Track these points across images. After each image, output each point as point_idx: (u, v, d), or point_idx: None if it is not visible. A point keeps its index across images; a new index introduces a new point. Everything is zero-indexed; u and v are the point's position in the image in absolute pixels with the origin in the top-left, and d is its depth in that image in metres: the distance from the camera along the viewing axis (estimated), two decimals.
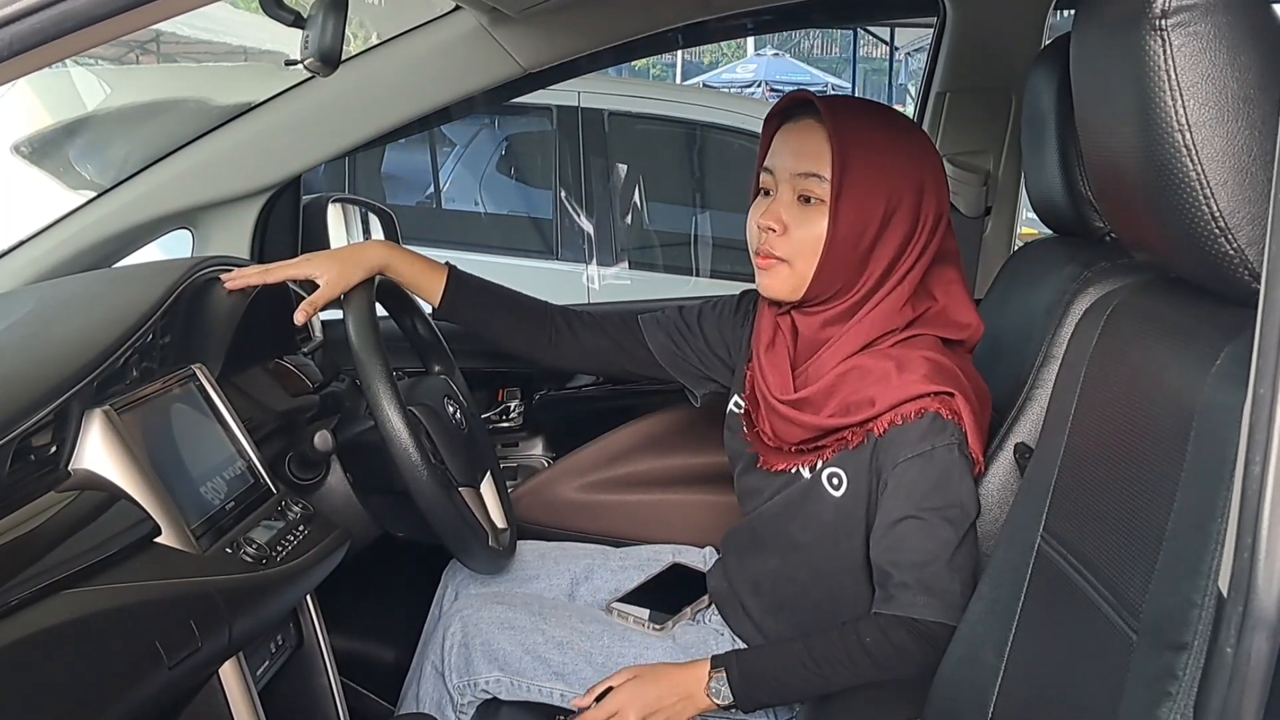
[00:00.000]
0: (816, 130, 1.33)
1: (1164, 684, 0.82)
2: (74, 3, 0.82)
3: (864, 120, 1.34)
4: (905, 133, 1.37)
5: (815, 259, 1.33)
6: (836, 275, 1.34)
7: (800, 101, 1.38)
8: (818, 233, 1.32)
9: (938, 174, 1.36)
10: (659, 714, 1.36)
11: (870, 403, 1.31)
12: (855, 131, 1.32)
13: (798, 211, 1.34)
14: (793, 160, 1.34)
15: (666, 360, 1.60)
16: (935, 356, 1.34)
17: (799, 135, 1.35)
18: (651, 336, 1.59)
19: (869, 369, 1.34)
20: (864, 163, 1.31)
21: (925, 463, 1.29)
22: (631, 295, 3.80)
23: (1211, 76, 0.87)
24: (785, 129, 1.38)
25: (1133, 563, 0.92)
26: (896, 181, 1.32)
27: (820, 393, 1.35)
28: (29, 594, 0.98)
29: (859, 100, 1.40)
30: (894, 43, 11.81)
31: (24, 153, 3.82)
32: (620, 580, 1.66)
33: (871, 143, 1.32)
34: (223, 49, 7.51)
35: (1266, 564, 0.68)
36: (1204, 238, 0.88)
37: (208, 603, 1.13)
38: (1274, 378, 0.68)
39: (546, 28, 1.80)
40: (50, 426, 1.13)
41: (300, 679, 1.41)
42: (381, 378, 1.44)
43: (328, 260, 1.50)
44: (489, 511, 1.69)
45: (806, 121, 1.35)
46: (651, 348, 1.59)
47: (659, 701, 1.36)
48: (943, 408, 1.30)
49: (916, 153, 1.35)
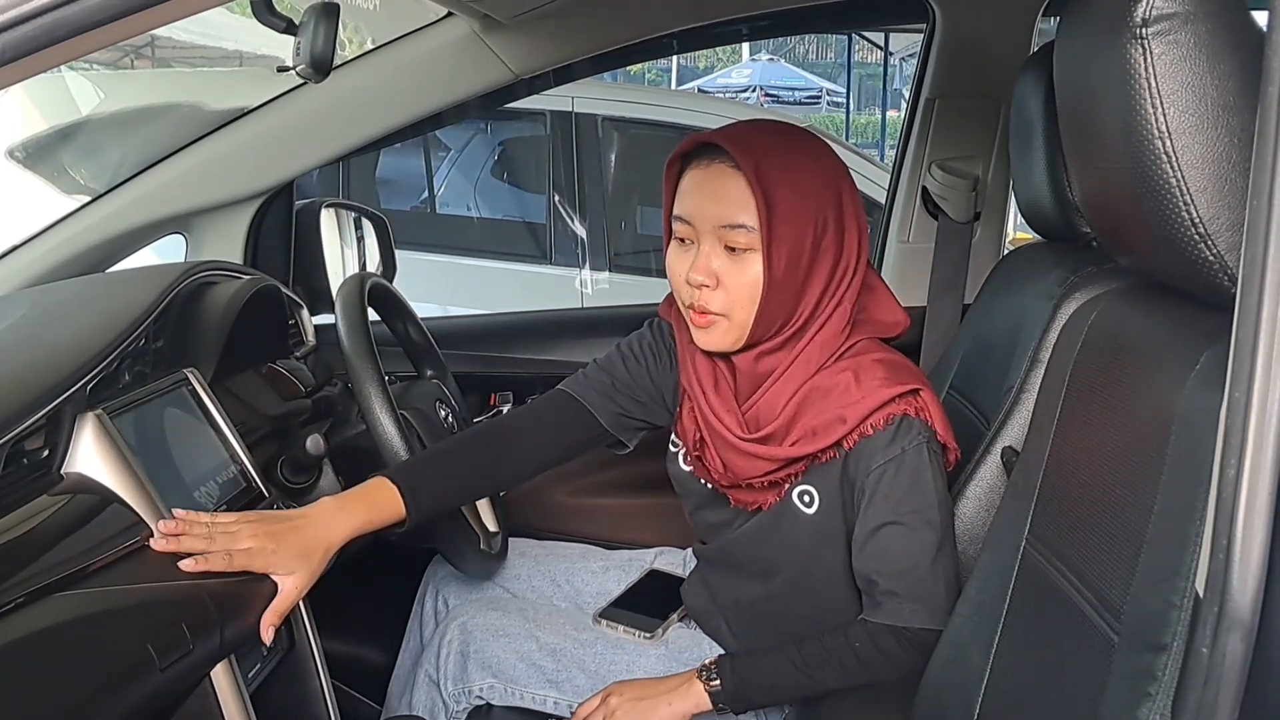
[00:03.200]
0: (731, 176, 1.27)
1: (1144, 684, 0.82)
2: (66, 10, 0.83)
3: (776, 150, 1.28)
4: (813, 150, 1.31)
5: (754, 305, 1.29)
6: (776, 314, 1.30)
7: (705, 143, 1.30)
8: (752, 280, 1.28)
9: (849, 182, 1.33)
10: (651, 707, 1.36)
11: (840, 420, 1.29)
12: (772, 169, 1.26)
13: (727, 262, 1.29)
14: (714, 209, 1.28)
15: (614, 425, 1.50)
16: (885, 356, 1.33)
17: (714, 182, 1.28)
18: (594, 406, 1.49)
19: (827, 388, 1.31)
20: (787, 199, 1.26)
21: (897, 466, 1.28)
22: (624, 299, 3.80)
23: (1191, 85, 0.87)
24: (695, 173, 1.30)
25: (1114, 565, 0.92)
26: (818, 203, 1.28)
27: (781, 427, 1.32)
28: (21, 597, 0.98)
29: (757, 127, 1.32)
30: (888, 48, 11.83)
31: (18, 157, 3.81)
32: (602, 582, 1.66)
33: (790, 174, 1.27)
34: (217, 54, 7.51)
35: (1241, 566, 0.69)
36: (1184, 243, 0.89)
37: (199, 606, 1.13)
38: (1249, 382, 0.69)
39: (539, 34, 1.81)
40: (43, 430, 1.13)
41: (292, 681, 1.41)
42: (373, 382, 1.45)
43: (288, 557, 1.22)
44: (480, 515, 1.69)
45: (718, 166, 1.28)
46: (599, 417, 1.49)
47: (652, 710, 1.36)
48: (909, 407, 1.29)
49: (828, 167, 1.31)
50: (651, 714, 1.35)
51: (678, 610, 1.57)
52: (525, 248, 4.18)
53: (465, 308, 3.51)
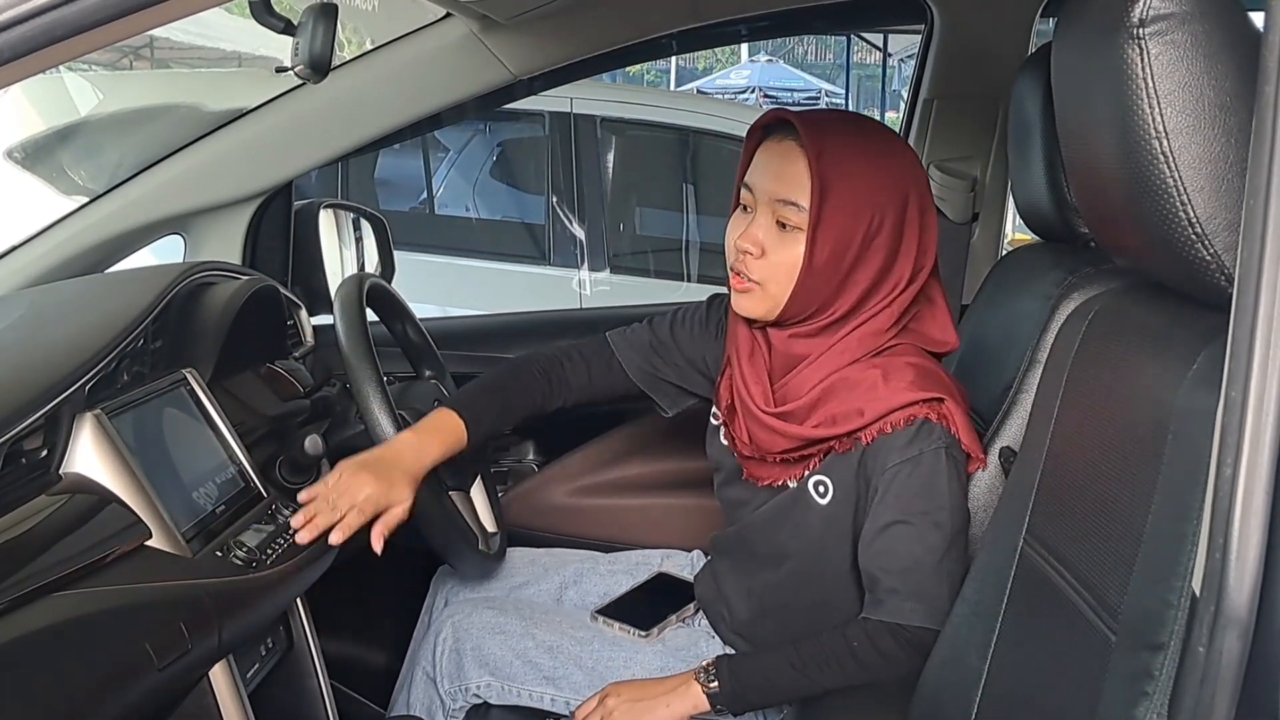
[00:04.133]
0: (797, 154, 1.30)
1: (1141, 684, 0.83)
2: (64, 10, 0.83)
3: (846, 141, 1.31)
4: (888, 151, 1.34)
5: (790, 283, 1.32)
6: (812, 299, 1.33)
7: (784, 119, 1.34)
8: (794, 259, 1.31)
9: (921, 191, 1.34)
10: (649, 708, 1.36)
11: (859, 413, 1.31)
12: (836, 158, 1.29)
13: (775, 235, 1.32)
14: (773, 184, 1.32)
15: (643, 381, 1.57)
16: (919, 362, 1.34)
17: (780, 157, 1.32)
18: (627, 360, 1.57)
19: (854, 381, 1.33)
20: (843, 189, 1.28)
21: (913, 467, 1.29)
22: (623, 300, 3.80)
23: (1188, 85, 0.88)
24: (767, 146, 1.35)
25: (1112, 565, 0.93)
26: (878, 203, 1.29)
27: (804, 407, 1.35)
28: (19, 596, 0.98)
29: (841, 116, 1.36)
30: (887, 49, 11.83)
31: (17, 158, 3.81)
32: (609, 585, 1.67)
33: (853, 166, 1.29)
34: (216, 55, 7.51)
35: (1238, 565, 0.69)
36: (1181, 244, 0.89)
37: (198, 606, 1.13)
38: (1245, 381, 0.69)
39: (537, 34, 1.81)
40: (41, 430, 1.13)
41: (290, 682, 1.41)
42: (372, 382, 1.45)
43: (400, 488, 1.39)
44: (479, 516, 1.69)
45: (788, 143, 1.32)
46: (628, 370, 1.57)
47: (649, 711, 1.36)
48: (931, 413, 1.30)
49: (900, 171, 1.33)
50: (648, 715, 1.36)
51: (677, 611, 1.57)
52: (524, 248, 4.18)
53: (464, 308, 3.51)
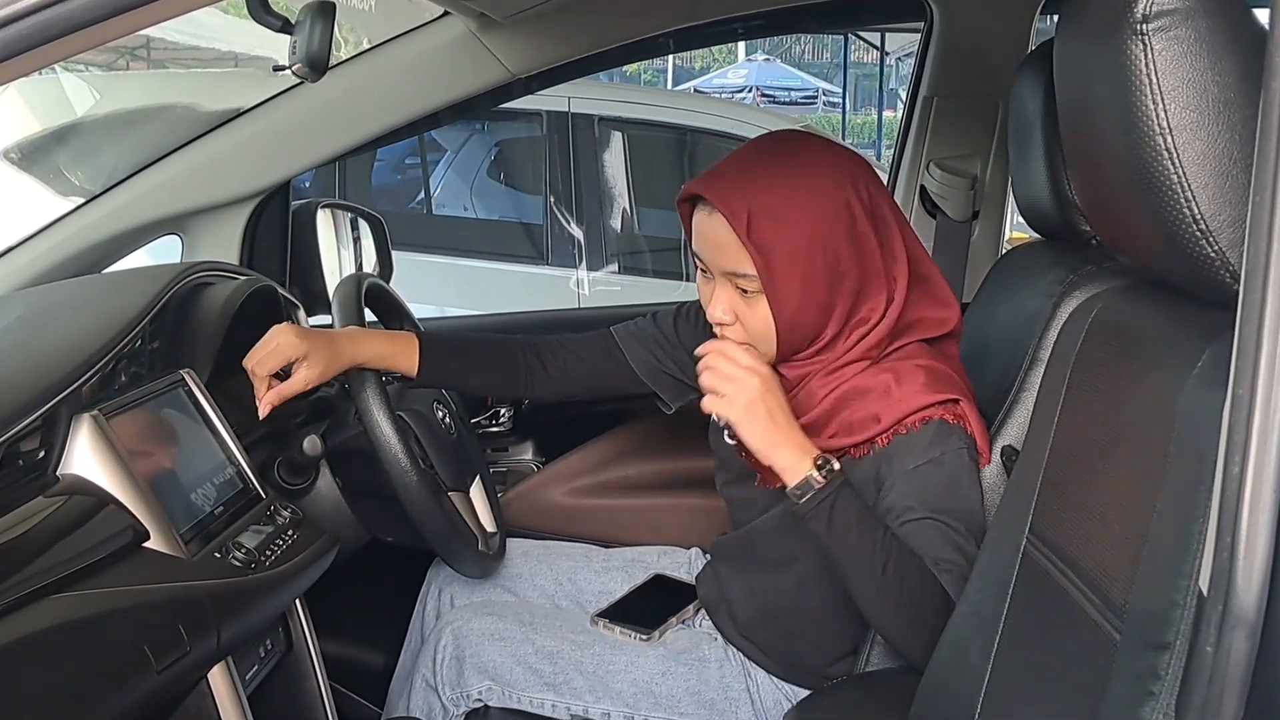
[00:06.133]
0: (725, 226, 1.28)
1: (1147, 684, 0.82)
2: (59, 9, 0.82)
3: (767, 188, 1.28)
4: (814, 171, 1.30)
5: (773, 336, 1.32)
6: (799, 340, 1.33)
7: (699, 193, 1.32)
8: (766, 318, 1.31)
9: (858, 188, 1.31)
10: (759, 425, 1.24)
11: (875, 419, 1.30)
12: (762, 216, 1.26)
13: (740, 302, 1.32)
14: (717, 257, 1.31)
15: (646, 373, 1.58)
16: (929, 363, 1.33)
17: (712, 229, 1.30)
18: (630, 351, 1.58)
19: (866, 387, 1.32)
20: (781, 243, 1.27)
21: (936, 469, 1.28)
22: (621, 300, 3.80)
23: (1192, 80, 0.87)
24: (698, 218, 1.33)
25: (1116, 564, 0.92)
26: (820, 234, 1.28)
27: (820, 418, 1.33)
28: (17, 599, 0.98)
29: (747, 164, 1.31)
30: (884, 48, 11.84)
31: (14, 158, 3.81)
32: (605, 582, 1.66)
33: (784, 214, 1.27)
34: (212, 55, 7.51)
35: (1245, 563, 0.69)
36: (1186, 241, 0.89)
37: (196, 607, 1.13)
38: (1253, 378, 0.69)
39: (535, 33, 1.80)
40: (39, 431, 1.13)
41: (289, 683, 1.41)
42: (370, 383, 1.45)
43: (318, 350, 1.41)
44: (478, 516, 1.69)
45: (717, 215, 1.29)
46: (632, 363, 1.58)
47: (769, 434, 1.24)
48: (948, 414, 1.30)
49: (831, 188, 1.30)
50: (766, 436, 1.24)
51: (677, 613, 1.56)
52: (522, 248, 4.18)
53: (462, 308, 3.51)
